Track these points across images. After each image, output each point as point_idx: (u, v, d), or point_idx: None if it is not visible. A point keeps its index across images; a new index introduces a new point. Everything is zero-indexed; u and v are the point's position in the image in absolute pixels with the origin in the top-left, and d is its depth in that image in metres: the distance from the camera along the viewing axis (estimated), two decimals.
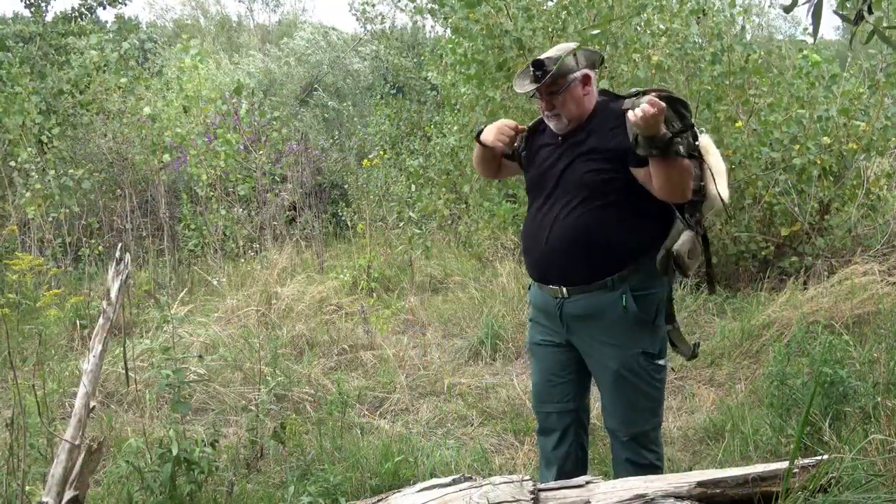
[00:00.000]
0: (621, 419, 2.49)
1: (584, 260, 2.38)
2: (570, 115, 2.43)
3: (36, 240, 6.43)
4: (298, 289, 5.84)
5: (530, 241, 2.52)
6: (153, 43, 14.04)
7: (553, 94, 2.41)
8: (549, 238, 2.42)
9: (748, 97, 5.71)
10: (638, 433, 2.49)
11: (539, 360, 2.63)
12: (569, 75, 2.40)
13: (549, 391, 2.60)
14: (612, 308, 2.38)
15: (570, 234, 2.38)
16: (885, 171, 6.07)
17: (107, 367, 4.26)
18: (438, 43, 8.09)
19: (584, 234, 2.36)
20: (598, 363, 2.47)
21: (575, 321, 2.45)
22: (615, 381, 2.44)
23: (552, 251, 2.42)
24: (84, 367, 2.57)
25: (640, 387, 2.44)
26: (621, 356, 2.40)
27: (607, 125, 2.39)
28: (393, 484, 3.11)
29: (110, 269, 2.75)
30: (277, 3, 22.26)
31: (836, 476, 2.16)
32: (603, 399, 2.55)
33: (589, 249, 2.37)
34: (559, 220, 2.40)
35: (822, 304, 4.60)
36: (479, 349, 4.87)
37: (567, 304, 2.44)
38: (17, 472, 2.59)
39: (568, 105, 2.42)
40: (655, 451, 2.55)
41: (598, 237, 2.36)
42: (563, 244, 2.39)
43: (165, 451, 2.88)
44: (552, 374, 2.59)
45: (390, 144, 10.26)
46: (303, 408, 4.02)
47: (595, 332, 2.43)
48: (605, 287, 2.38)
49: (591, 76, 2.46)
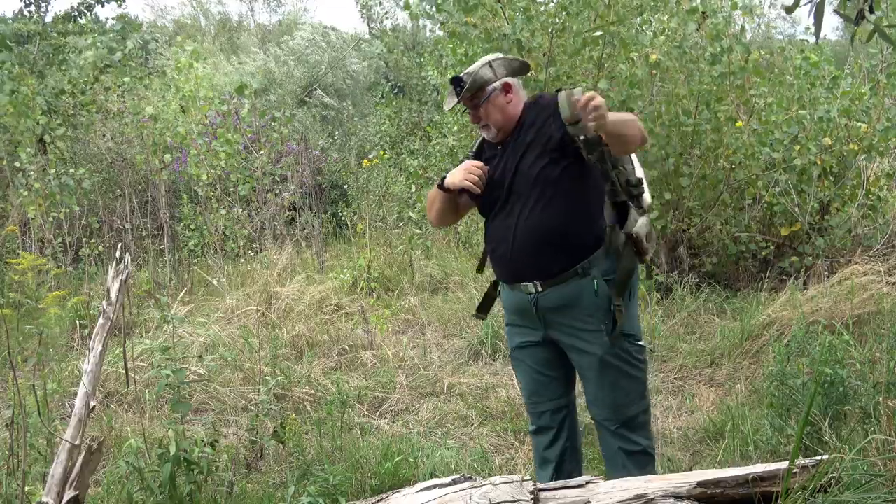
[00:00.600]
0: (610, 406, 2.52)
1: (553, 252, 2.43)
2: (496, 124, 2.52)
3: (36, 240, 6.43)
4: (298, 289, 5.84)
5: (497, 247, 2.56)
6: (155, 42, 14.05)
7: (476, 106, 2.51)
8: (515, 239, 2.47)
9: (749, 97, 5.71)
10: (628, 419, 2.52)
11: (524, 362, 2.66)
12: (487, 87, 2.49)
13: (541, 390, 2.64)
14: (586, 294, 2.44)
15: (535, 231, 2.43)
16: (884, 171, 6.07)
17: (107, 367, 4.27)
18: (438, 43, 8.08)
19: (548, 227, 2.42)
20: (581, 352, 2.50)
21: (551, 313, 2.49)
22: (600, 366, 2.47)
23: (521, 251, 2.46)
24: (84, 367, 2.58)
25: (625, 369, 2.49)
26: (601, 341, 2.45)
27: (541, 117, 2.47)
28: (393, 484, 3.11)
29: (110, 269, 2.76)
30: (279, 3, 22.26)
31: (836, 476, 2.16)
32: (588, 389, 2.57)
33: (556, 241, 2.42)
34: (522, 220, 2.45)
35: (822, 304, 4.60)
36: (479, 349, 4.87)
37: (542, 298, 2.48)
38: (17, 472, 2.59)
39: (493, 114, 2.51)
40: (647, 436, 2.59)
41: (562, 228, 2.42)
42: (530, 242, 2.44)
43: (165, 452, 2.88)
44: (540, 374, 2.63)
45: (390, 144, 10.26)
46: (303, 408, 4.02)
47: (572, 321, 2.47)
48: (576, 275, 2.44)
49: (512, 83, 2.53)
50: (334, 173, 10.34)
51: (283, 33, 16.57)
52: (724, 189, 5.70)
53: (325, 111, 11.85)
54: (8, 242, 6.46)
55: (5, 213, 6.86)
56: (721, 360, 4.42)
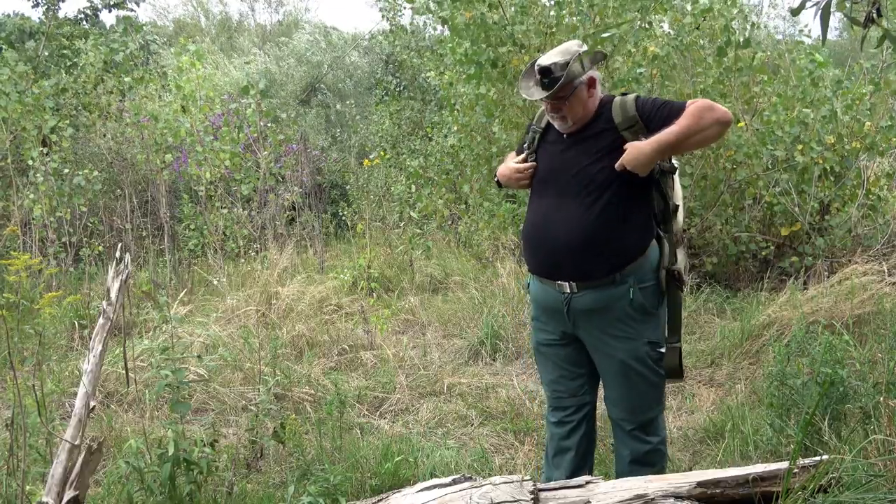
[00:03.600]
0: (629, 409, 2.54)
1: (597, 256, 2.42)
2: (574, 118, 2.48)
3: (37, 239, 6.43)
4: (298, 289, 5.84)
5: (538, 238, 2.53)
6: (156, 43, 14.05)
7: (561, 98, 2.45)
8: (561, 235, 2.44)
9: (752, 96, 5.71)
10: (645, 421, 2.55)
11: (548, 358, 2.66)
12: (575, 80, 2.43)
13: (567, 385, 2.64)
14: (621, 301, 2.44)
15: (584, 232, 2.41)
16: (885, 171, 6.07)
17: (107, 367, 4.27)
18: (440, 42, 8.07)
19: (598, 231, 2.40)
20: (606, 356, 2.51)
21: (582, 315, 2.49)
22: (624, 372, 2.49)
23: (565, 248, 2.44)
24: (84, 367, 2.58)
25: (647, 376, 2.50)
26: (629, 348, 2.46)
27: (615, 122, 2.44)
28: (393, 484, 3.11)
29: (110, 269, 2.76)
30: (280, 3, 22.24)
31: (835, 476, 2.16)
32: (609, 391, 2.58)
33: (603, 246, 2.41)
34: (572, 217, 2.43)
35: (822, 304, 4.59)
36: (479, 349, 4.87)
37: (575, 300, 2.48)
38: (17, 472, 2.59)
39: (574, 108, 2.46)
40: (660, 434, 2.62)
41: (611, 234, 2.41)
42: (577, 241, 2.42)
43: (165, 452, 2.88)
44: (567, 370, 2.63)
45: (391, 144, 10.26)
46: (303, 408, 4.02)
47: (603, 325, 2.47)
48: (613, 282, 2.43)
49: (596, 78, 2.50)
50: (334, 173, 10.33)
51: (284, 33, 16.58)
52: (724, 189, 5.70)
53: (326, 111, 11.84)
54: (9, 242, 6.46)
55: (6, 212, 6.86)
56: (721, 360, 4.42)
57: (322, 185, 10.05)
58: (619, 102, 2.45)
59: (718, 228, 5.70)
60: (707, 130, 2.31)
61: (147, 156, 7.15)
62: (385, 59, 12.76)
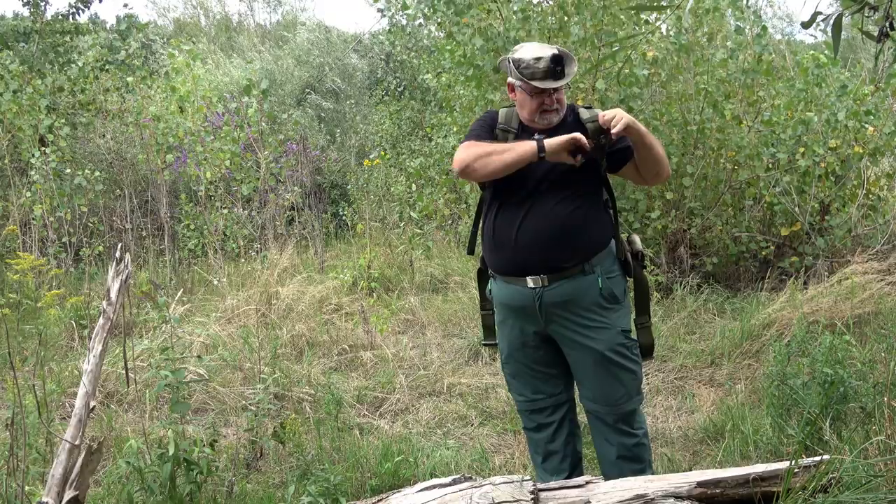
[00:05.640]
0: (609, 401, 2.55)
1: (567, 248, 2.48)
2: (562, 112, 2.56)
3: (37, 239, 6.43)
4: (298, 289, 5.84)
5: (503, 236, 2.54)
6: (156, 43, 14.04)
7: (558, 90, 2.52)
8: (531, 231, 2.48)
9: (756, 97, 5.71)
10: (626, 413, 2.57)
11: (519, 361, 2.66)
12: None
13: (540, 386, 2.66)
14: (591, 291, 2.50)
15: (555, 225, 2.47)
16: (885, 171, 6.07)
17: (107, 367, 4.26)
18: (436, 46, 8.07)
19: (567, 224, 2.48)
20: (580, 348, 2.53)
21: (555, 308, 2.51)
22: (601, 363, 2.51)
23: (536, 243, 2.48)
24: (84, 367, 2.57)
25: (624, 364, 2.54)
26: (604, 337, 2.50)
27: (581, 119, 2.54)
28: (393, 484, 3.11)
29: (110, 269, 2.75)
30: (278, 3, 22.22)
31: (836, 476, 2.16)
32: (586, 384, 2.60)
33: (572, 238, 2.48)
34: (542, 213, 2.48)
35: (823, 304, 4.59)
36: (479, 349, 4.86)
37: (547, 293, 2.50)
38: (17, 472, 2.59)
39: (563, 102, 2.56)
40: (642, 426, 2.64)
41: (579, 226, 2.49)
42: (547, 235, 2.47)
43: (165, 452, 2.88)
44: (540, 372, 2.65)
45: (391, 144, 10.25)
46: (302, 408, 4.02)
47: (576, 317, 2.51)
48: (582, 272, 2.49)
49: None
50: (334, 173, 10.33)
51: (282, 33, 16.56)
52: (724, 189, 5.70)
53: (323, 112, 11.81)
54: (8, 242, 6.46)
55: (6, 212, 6.85)
56: (721, 360, 4.42)
57: (322, 185, 10.04)
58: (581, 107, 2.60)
59: (719, 228, 5.70)
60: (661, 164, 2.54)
61: (147, 156, 7.15)
62: (385, 58, 12.76)
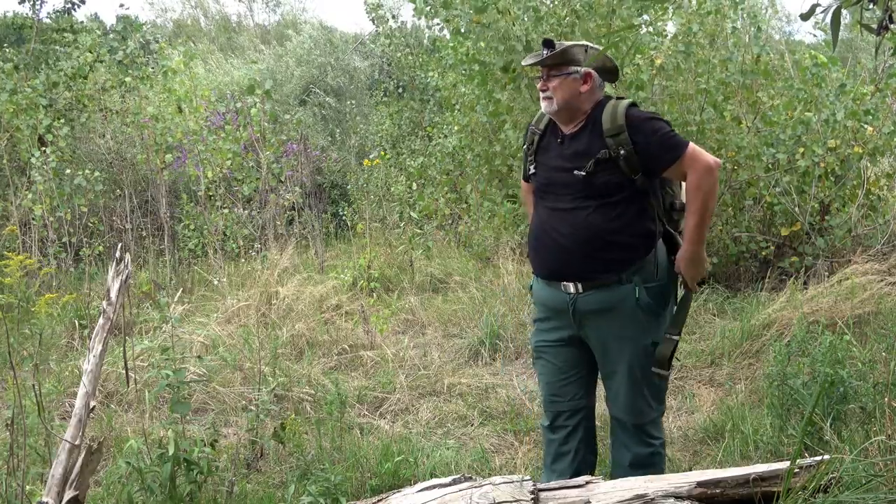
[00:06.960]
0: (631, 409, 2.55)
1: (600, 257, 2.44)
2: (559, 101, 2.49)
3: (37, 239, 6.42)
4: (298, 289, 5.83)
5: (542, 240, 2.56)
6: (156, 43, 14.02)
7: (551, 77, 2.49)
8: (564, 237, 2.47)
9: (756, 98, 5.71)
10: (647, 421, 2.57)
11: (548, 360, 2.66)
12: (570, 66, 2.48)
13: (562, 389, 2.65)
14: (626, 301, 2.45)
15: (586, 233, 2.44)
16: (885, 171, 6.07)
17: (107, 367, 4.26)
18: (437, 42, 8.06)
19: (599, 232, 2.43)
20: (611, 356, 2.52)
21: (588, 316, 2.50)
22: (629, 371, 2.50)
23: (568, 249, 2.47)
24: (84, 367, 2.57)
25: (651, 376, 2.50)
26: (634, 348, 2.48)
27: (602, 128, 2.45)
28: (393, 484, 3.11)
29: (110, 269, 2.75)
30: (277, 3, 22.20)
31: (836, 476, 2.16)
32: (612, 391, 2.59)
33: (604, 247, 2.44)
34: (572, 219, 2.46)
35: (823, 304, 4.59)
36: (479, 349, 4.86)
37: (580, 300, 2.49)
38: (17, 472, 2.59)
39: (562, 91, 2.48)
40: (659, 436, 2.63)
41: (612, 235, 2.43)
42: (579, 243, 2.45)
43: (165, 452, 2.88)
44: (563, 373, 2.63)
45: (391, 144, 10.25)
46: (302, 408, 4.02)
47: (609, 325, 2.49)
48: (619, 281, 2.45)
49: (593, 76, 2.52)
50: (334, 173, 10.32)
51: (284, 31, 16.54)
52: (724, 189, 5.70)
53: (324, 111, 11.81)
54: (8, 242, 6.45)
55: (6, 212, 6.85)
56: (721, 360, 4.42)
57: (322, 184, 10.04)
58: (612, 106, 2.47)
59: (719, 228, 5.70)
60: (713, 195, 2.41)
61: (147, 156, 7.15)
62: (386, 60, 12.76)
